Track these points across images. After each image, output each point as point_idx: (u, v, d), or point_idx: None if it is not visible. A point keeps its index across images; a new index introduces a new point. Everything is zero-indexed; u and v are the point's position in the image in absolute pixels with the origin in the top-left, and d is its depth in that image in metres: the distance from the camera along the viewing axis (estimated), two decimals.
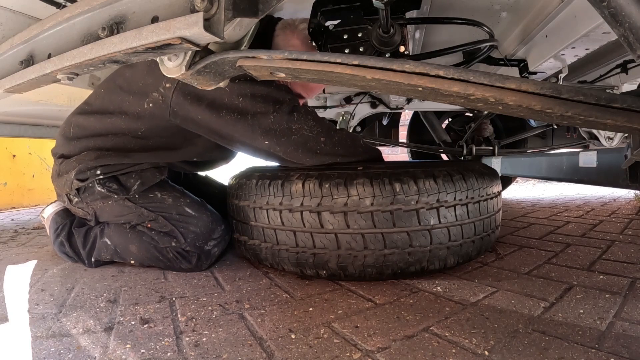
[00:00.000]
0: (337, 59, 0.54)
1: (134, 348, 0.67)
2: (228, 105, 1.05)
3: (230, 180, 1.20)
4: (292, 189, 0.96)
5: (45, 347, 0.68)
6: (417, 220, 0.93)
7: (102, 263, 1.19)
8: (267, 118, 1.05)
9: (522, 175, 2.07)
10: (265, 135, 1.06)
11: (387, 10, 0.80)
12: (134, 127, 1.12)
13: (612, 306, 0.78)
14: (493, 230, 1.12)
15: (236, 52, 0.59)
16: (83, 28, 0.63)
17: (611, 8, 0.41)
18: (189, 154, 1.23)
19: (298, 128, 1.07)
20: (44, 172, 3.09)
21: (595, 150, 1.24)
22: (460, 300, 0.84)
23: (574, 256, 1.16)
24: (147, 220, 1.13)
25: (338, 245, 0.94)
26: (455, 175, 0.98)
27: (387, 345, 0.66)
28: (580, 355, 0.60)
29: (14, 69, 0.74)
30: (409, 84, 0.51)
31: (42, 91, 1.49)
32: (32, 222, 2.20)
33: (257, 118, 1.05)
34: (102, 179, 1.12)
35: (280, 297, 0.89)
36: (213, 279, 1.05)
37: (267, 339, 0.69)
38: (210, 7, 0.50)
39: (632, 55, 0.45)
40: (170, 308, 0.84)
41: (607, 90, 1.69)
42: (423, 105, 2.24)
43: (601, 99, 0.46)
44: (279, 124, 1.05)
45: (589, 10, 0.93)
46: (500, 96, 0.48)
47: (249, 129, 1.06)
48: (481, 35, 1.12)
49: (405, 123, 3.19)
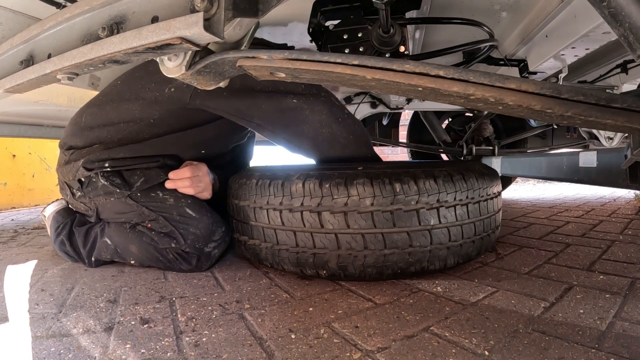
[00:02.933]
0: (337, 59, 0.54)
1: (134, 348, 0.67)
2: (255, 85, 1.06)
3: (231, 180, 1.20)
4: (292, 189, 0.96)
5: (45, 347, 0.68)
6: (417, 220, 0.93)
7: (102, 263, 1.19)
8: (289, 97, 1.06)
9: (522, 175, 2.07)
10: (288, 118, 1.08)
11: (387, 10, 0.80)
12: (148, 113, 1.14)
13: (612, 306, 0.78)
14: (493, 231, 1.12)
15: (236, 52, 0.59)
16: (83, 28, 0.63)
17: (611, 8, 0.41)
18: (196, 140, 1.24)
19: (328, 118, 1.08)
20: (44, 172, 3.09)
21: (595, 150, 1.24)
22: (460, 300, 0.84)
23: (574, 256, 1.16)
24: (148, 219, 1.13)
25: (338, 245, 0.94)
26: (456, 176, 0.98)
27: (387, 345, 0.66)
28: (580, 355, 0.60)
29: (14, 69, 0.74)
30: (409, 84, 0.51)
31: (42, 91, 1.49)
32: (32, 222, 2.20)
33: (279, 96, 1.06)
34: (107, 172, 1.13)
35: (280, 297, 0.89)
36: (213, 279, 1.05)
37: (267, 339, 0.69)
38: (210, 7, 0.50)
39: (632, 55, 0.45)
40: (170, 308, 0.84)
41: (607, 90, 1.69)
42: (423, 105, 2.24)
43: (601, 99, 0.46)
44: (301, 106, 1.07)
45: (589, 10, 0.93)
46: (500, 96, 0.48)
47: (277, 94, 1.06)
48: (481, 35, 1.12)
49: (405, 123, 3.20)
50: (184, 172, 1.15)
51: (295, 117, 1.09)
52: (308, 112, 1.08)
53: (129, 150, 1.15)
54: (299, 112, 1.08)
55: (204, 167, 1.20)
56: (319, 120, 1.08)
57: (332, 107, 1.08)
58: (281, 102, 1.07)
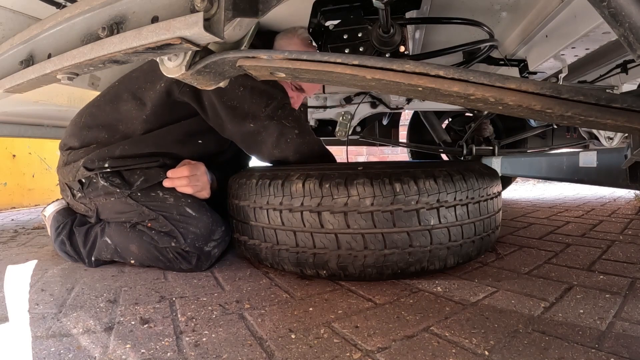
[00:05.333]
0: (337, 59, 0.54)
1: (134, 348, 0.67)
2: (229, 93, 1.13)
3: (231, 180, 1.20)
4: (292, 189, 0.96)
5: (45, 347, 0.68)
6: (417, 220, 0.93)
7: (102, 262, 1.19)
8: (260, 110, 1.15)
9: (522, 175, 2.07)
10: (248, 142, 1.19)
11: (387, 10, 0.80)
12: (143, 111, 1.18)
13: (612, 306, 0.78)
14: (493, 231, 1.12)
15: (236, 52, 0.59)
16: (83, 28, 0.63)
17: (611, 8, 0.41)
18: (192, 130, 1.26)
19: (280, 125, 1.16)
20: (44, 172, 3.09)
21: (595, 150, 1.24)
22: (460, 300, 0.84)
23: (574, 256, 1.16)
24: (148, 219, 1.13)
25: (338, 245, 0.94)
26: (456, 176, 0.98)
27: (387, 345, 0.66)
28: (580, 355, 0.60)
29: (14, 69, 0.74)
30: (409, 84, 0.51)
31: (42, 91, 1.49)
32: (32, 222, 2.20)
33: (250, 109, 1.15)
34: (107, 172, 1.15)
35: (280, 297, 0.89)
36: (213, 278, 1.05)
37: (267, 339, 0.69)
38: (210, 7, 0.50)
39: (632, 55, 0.45)
40: (170, 308, 0.84)
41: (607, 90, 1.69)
42: (423, 105, 2.24)
43: (601, 99, 0.45)
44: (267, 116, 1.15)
45: (589, 10, 0.93)
46: (500, 96, 0.48)
47: (238, 117, 1.15)
48: (481, 35, 1.12)
49: (405, 123, 3.19)
50: (182, 170, 1.16)
51: (255, 139, 1.19)
52: (264, 134, 1.17)
53: (128, 145, 1.17)
54: (256, 135, 1.18)
55: (201, 167, 1.21)
56: (271, 142, 1.18)
57: (283, 129, 1.17)
58: (242, 126, 1.16)
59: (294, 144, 1.19)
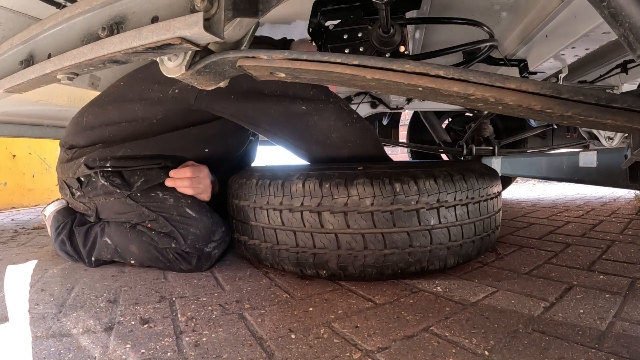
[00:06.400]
0: (337, 59, 0.54)
1: (134, 348, 0.67)
2: (264, 88, 1.08)
3: (231, 180, 1.20)
4: (292, 189, 0.96)
5: (45, 347, 0.68)
6: (417, 220, 0.93)
7: (102, 262, 1.19)
8: (297, 103, 1.08)
9: (522, 175, 2.07)
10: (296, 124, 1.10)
11: (387, 10, 0.80)
12: (151, 113, 1.15)
13: (612, 306, 0.78)
14: (493, 231, 1.12)
15: (236, 52, 0.59)
16: (83, 28, 0.63)
17: (611, 8, 0.41)
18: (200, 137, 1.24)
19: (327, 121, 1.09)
20: (44, 172, 3.09)
21: (595, 150, 1.24)
22: (460, 300, 0.84)
23: (574, 256, 1.16)
24: (148, 219, 1.13)
25: (338, 245, 0.94)
26: (456, 176, 0.98)
27: (387, 345, 0.66)
28: (580, 355, 0.60)
29: (14, 69, 0.74)
30: (409, 84, 0.51)
31: (42, 91, 1.49)
32: (32, 222, 2.20)
33: (288, 102, 1.08)
34: (108, 171, 1.14)
35: (280, 297, 0.89)
36: (213, 278, 1.05)
37: (267, 339, 0.69)
38: (210, 7, 0.50)
39: (632, 55, 0.45)
40: (170, 308, 0.84)
41: (607, 90, 1.69)
42: (423, 105, 2.24)
43: (601, 99, 0.46)
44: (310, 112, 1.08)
45: (589, 10, 0.93)
46: (501, 96, 0.48)
47: (287, 100, 1.08)
48: (481, 35, 1.12)
49: (405, 123, 3.19)
50: (185, 172, 1.15)
51: (304, 123, 1.10)
52: (317, 118, 1.09)
53: (131, 147, 1.16)
54: (307, 118, 1.09)
55: (205, 169, 1.20)
56: (327, 126, 1.09)
57: (340, 112, 1.10)
58: (289, 108, 1.08)
59: (355, 128, 1.10)
